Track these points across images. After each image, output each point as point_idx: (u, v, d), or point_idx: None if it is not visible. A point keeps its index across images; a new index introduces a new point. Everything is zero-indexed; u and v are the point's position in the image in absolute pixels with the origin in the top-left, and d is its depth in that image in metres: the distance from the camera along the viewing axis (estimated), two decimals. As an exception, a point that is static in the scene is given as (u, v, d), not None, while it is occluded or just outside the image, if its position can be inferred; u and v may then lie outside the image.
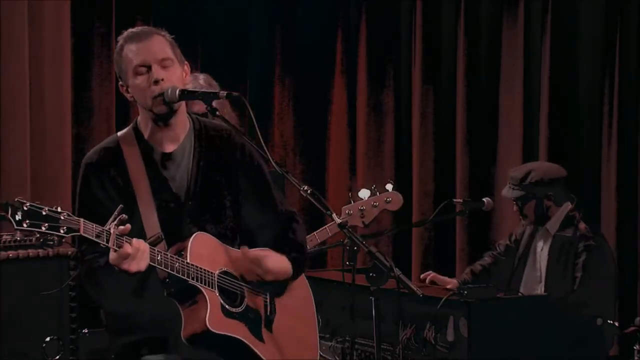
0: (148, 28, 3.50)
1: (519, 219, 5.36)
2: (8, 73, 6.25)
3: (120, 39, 3.45)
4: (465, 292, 4.57)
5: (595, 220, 5.72)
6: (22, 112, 6.29)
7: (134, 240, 3.18)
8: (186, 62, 3.50)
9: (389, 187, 4.74)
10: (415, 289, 3.47)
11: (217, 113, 3.45)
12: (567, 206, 5.22)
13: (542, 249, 5.26)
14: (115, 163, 3.43)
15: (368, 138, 7.24)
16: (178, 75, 3.42)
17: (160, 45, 3.41)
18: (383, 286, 3.57)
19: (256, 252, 3.48)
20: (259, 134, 3.40)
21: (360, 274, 3.59)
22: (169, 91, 3.39)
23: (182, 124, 3.48)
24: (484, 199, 5.22)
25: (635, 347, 4.99)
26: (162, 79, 3.36)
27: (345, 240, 3.65)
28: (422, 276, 5.17)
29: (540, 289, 5.20)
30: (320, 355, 4.86)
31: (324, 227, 4.57)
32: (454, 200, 5.55)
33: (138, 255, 3.18)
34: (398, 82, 7.20)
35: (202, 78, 4.59)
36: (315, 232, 4.56)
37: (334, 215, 3.42)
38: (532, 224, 5.28)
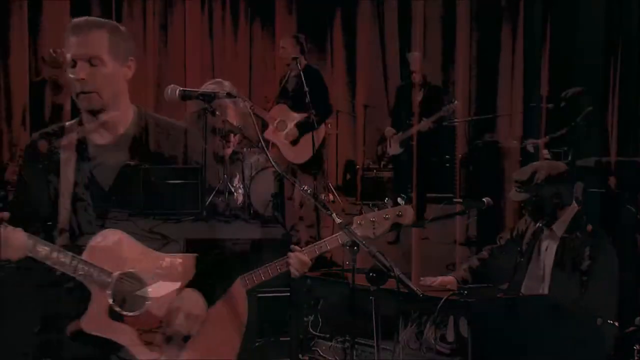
0: (94, 20, 3.36)
1: (526, 219, 5.35)
2: (8, 73, 6.25)
3: (69, 25, 3.35)
4: (465, 292, 4.56)
5: (596, 221, 5.71)
6: (22, 111, 6.30)
7: (9, 228, 3.14)
8: (132, 59, 3.35)
9: (401, 201, 4.74)
10: (415, 289, 3.47)
11: (217, 113, 3.46)
12: (574, 208, 5.21)
13: (547, 249, 5.25)
14: (52, 149, 3.38)
15: (368, 137, 7.24)
16: (107, 75, 3.29)
17: (96, 41, 3.28)
18: (383, 286, 3.57)
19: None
20: (259, 133, 3.41)
21: (360, 274, 3.58)
22: (169, 91, 3.37)
23: (121, 118, 3.38)
24: (483, 199, 5.21)
25: (635, 347, 4.98)
26: (83, 79, 3.26)
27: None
28: (420, 283, 5.13)
29: (542, 289, 5.19)
30: (320, 355, 4.87)
31: (334, 236, 4.54)
32: (454, 200, 5.54)
33: (8, 244, 3.14)
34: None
35: (227, 84, 4.60)
36: (325, 240, 4.53)
37: (334, 215, 3.42)
38: (543, 225, 5.25)
